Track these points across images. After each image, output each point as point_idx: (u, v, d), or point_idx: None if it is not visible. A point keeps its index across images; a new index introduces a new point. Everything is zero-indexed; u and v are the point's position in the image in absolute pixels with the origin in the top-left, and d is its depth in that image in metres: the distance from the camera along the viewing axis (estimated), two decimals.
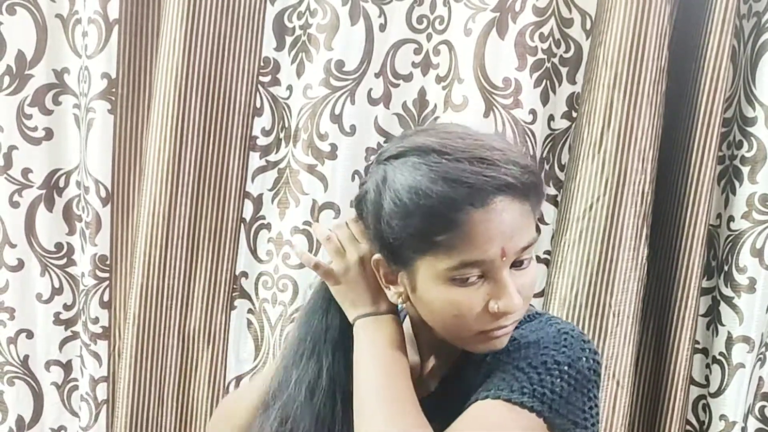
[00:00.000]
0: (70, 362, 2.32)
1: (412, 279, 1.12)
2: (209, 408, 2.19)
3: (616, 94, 1.88)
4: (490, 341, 1.12)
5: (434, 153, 1.06)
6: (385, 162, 1.12)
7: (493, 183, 1.03)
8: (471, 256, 1.04)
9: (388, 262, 1.15)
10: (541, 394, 1.08)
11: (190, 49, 2.02)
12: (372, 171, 1.15)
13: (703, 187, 1.94)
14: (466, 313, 1.08)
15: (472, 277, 1.06)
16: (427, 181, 1.03)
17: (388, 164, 1.11)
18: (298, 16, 2.09)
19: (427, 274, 1.08)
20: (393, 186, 1.07)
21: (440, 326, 1.14)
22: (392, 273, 1.15)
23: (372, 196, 1.12)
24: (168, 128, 2.03)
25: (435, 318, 1.13)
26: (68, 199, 2.25)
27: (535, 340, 1.15)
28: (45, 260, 2.25)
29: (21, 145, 2.18)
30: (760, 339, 1.96)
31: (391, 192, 1.07)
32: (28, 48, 2.15)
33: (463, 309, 1.08)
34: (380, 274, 1.18)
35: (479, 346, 1.13)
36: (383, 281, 1.18)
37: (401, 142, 1.12)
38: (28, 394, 2.31)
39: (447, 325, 1.12)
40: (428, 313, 1.13)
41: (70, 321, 2.30)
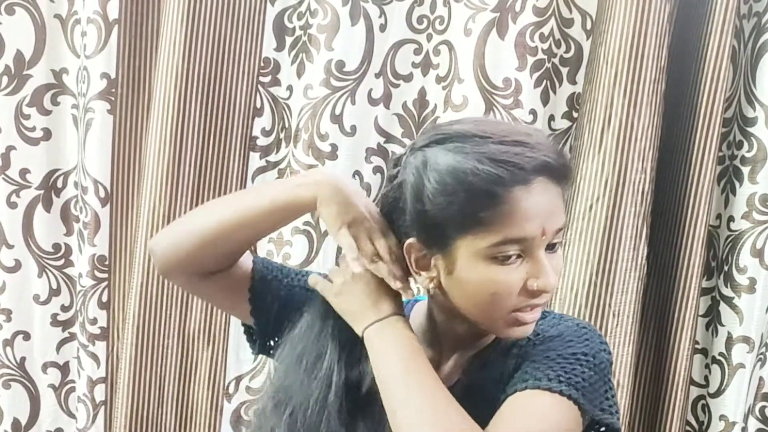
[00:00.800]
0: (68, 364, 2.32)
1: (449, 260, 1.13)
2: (209, 408, 2.18)
3: (617, 93, 1.89)
4: (520, 326, 1.14)
5: (475, 137, 1.10)
6: (422, 148, 1.14)
7: (535, 163, 1.07)
8: (513, 233, 1.07)
9: (426, 245, 1.15)
10: (576, 383, 1.11)
11: (191, 50, 2.02)
12: (409, 160, 1.15)
13: (703, 187, 1.94)
14: (504, 292, 1.10)
15: (512, 256, 1.09)
16: (472, 160, 1.07)
17: (427, 149, 1.13)
18: (298, 16, 2.09)
19: (468, 253, 1.10)
20: (436, 167, 1.10)
21: (474, 308, 1.14)
22: (425, 257, 1.16)
23: (412, 179, 1.13)
24: (168, 128, 2.03)
25: (470, 300, 1.14)
26: (66, 200, 2.25)
27: (558, 333, 1.19)
28: (42, 261, 2.24)
29: (19, 146, 2.18)
30: (760, 339, 1.97)
31: (434, 173, 1.10)
32: (26, 48, 2.15)
33: (502, 287, 1.10)
34: (411, 259, 1.17)
35: (508, 331, 1.15)
36: (414, 267, 1.18)
37: (437, 131, 1.15)
38: (25, 397, 2.31)
39: (483, 305, 1.13)
40: (463, 294, 1.14)
41: (68, 322, 2.29)
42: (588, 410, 1.12)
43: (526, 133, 1.11)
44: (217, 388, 2.18)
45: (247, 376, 2.20)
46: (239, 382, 2.20)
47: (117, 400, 2.14)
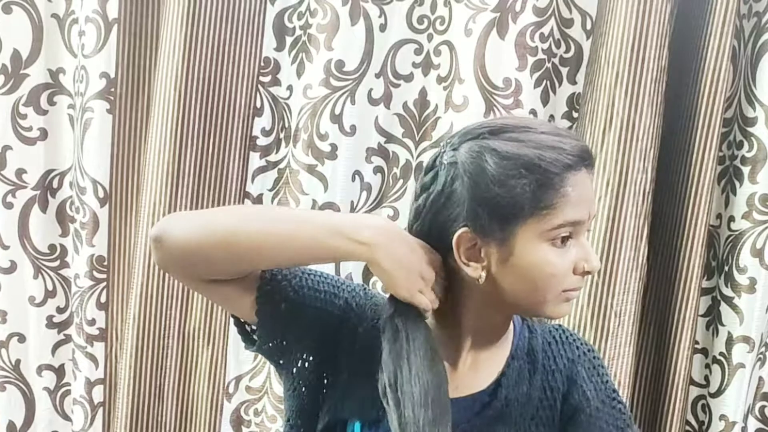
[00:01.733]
0: (63, 366, 2.30)
1: (505, 248, 1.16)
2: (209, 408, 2.18)
3: (618, 93, 1.89)
4: (565, 304, 1.20)
5: (521, 128, 1.16)
6: (476, 138, 1.16)
7: (582, 153, 1.15)
8: (570, 216, 1.14)
9: (481, 233, 1.16)
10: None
11: (191, 49, 2.01)
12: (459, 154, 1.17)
13: (703, 187, 1.95)
14: (561, 273, 1.16)
15: (567, 238, 1.16)
16: (532, 148, 1.13)
17: (481, 140, 1.16)
18: (298, 16, 2.09)
19: (529, 237, 1.14)
20: (499, 155, 1.13)
21: (529, 291, 1.18)
22: (474, 247, 1.17)
23: (471, 168, 1.15)
24: (168, 128, 2.02)
25: (527, 284, 1.17)
26: (62, 201, 2.24)
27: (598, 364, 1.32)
28: (38, 262, 2.23)
29: (15, 145, 2.17)
30: (760, 339, 1.97)
31: (497, 159, 1.13)
32: (23, 47, 2.14)
33: (559, 268, 1.15)
34: (460, 251, 1.18)
35: (555, 309, 1.20)
36: (462, 259, 1.18)
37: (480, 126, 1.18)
38: (20, 399, 2.30)
39: (539, 287, 1.17)
40: (518, 280, 1.17)
41: (63, 324, 2.28)
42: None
43: (558, 126, 1.20)
44: (217, 388, 2.17)
45: (247, 375, 2.19)
46: (239, 382, 2.19)
47: (118, 401, 2.13)
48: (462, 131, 1.20)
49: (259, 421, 2.19)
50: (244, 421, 2.19)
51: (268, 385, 2.16)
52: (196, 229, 1.20)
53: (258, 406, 2.19)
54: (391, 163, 2.11)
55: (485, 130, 1.16)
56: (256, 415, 2.19)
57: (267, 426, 2.16)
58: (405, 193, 2.11)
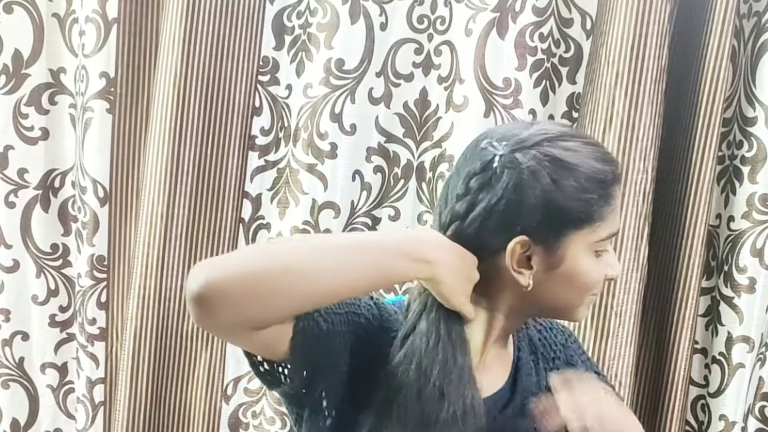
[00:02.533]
0: (66, 364, 2.31)
1: (556, 255, 1.17)
2: (207, 409, 2.18)
3: (618, 93, 1.89)
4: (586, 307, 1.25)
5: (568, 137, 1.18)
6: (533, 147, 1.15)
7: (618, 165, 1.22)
8: (613, 229, 1.19)
9: (538, 240, 1.16)
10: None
11: (190, 49, 2.01)
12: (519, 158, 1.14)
13: (703, 187, 1.94)
14: (599, 281, 1.21)
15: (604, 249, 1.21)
16: (593, 160, 1.16)
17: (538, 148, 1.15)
18: (297, 15, 2.09)
19: (579, 247, 1.17)
20: (568, 166, 1.14)
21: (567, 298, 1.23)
22: (526, 255, 1.17)
23: (539, 176, 1.13)
24: (167, 128, 2.02)
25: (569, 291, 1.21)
26: (64, 200, 2.24)
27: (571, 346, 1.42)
28: (40, 261, 2.24)
29: (17, 145, 2.17)
30: (760, 339, 1.97)
31: (569, 171, 1.14)
32: (24, 47, 2.14)
33: (598, 277, 1.20)
34: (513, 260, 1.17)
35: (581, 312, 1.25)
36: (514, 267, 1.17)
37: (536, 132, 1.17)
38: (24, 397, 2.30)
39: (578, 295, 1.22)
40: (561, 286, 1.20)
41: (66, 323, 2.28)
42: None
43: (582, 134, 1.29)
44: (216, 390, 2.18)
45: (245, 377, 2.19)
46: (237, 384, 2.20)
47: (117, 401, 2.13)
48: (509, 135, 1.17)
49: (257, 424, 2.19)
50: (243, 423, 2.19)
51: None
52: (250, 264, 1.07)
53: (256, 408, 2.20)
54: (391, 163, 2.11)
55: (542, 138, 1.16)
56: (255, 417, 2.19)
57: (265, 428, 2.16)
58: (406, 194, 2.11)
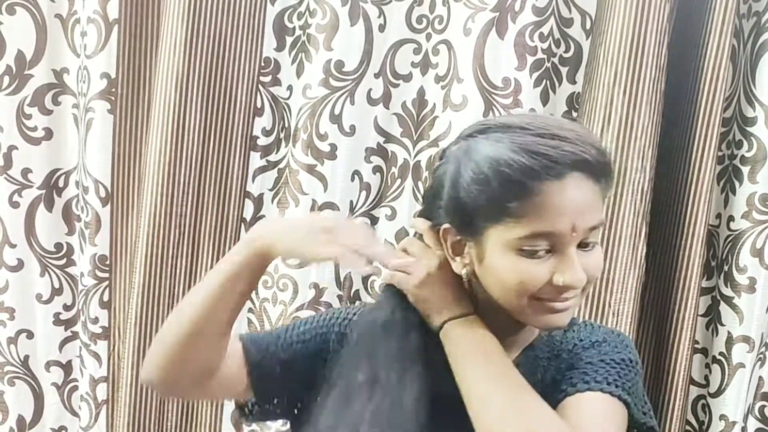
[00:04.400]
0: (70, 362, 2.33)
1: (480, 249, 1.15)
2: (209, 408, 2.19)
3: (616, 92, 1.88)
4: (552, 315, 1.15)
5: (517, 128, 1.11)
6: (467, 138, 1.17)
7: (571, 158, 1.07)
8: (542, 227, 1.08)
9: (459, 231, 1.17)
10: (628, 387, 1.16)
11: (191, 50, 2.02)
12: (453, 149, 1.18)
13: (702, 187, 1.94)
14: (529, 282, 1.11)
15: (540, 251, 1.10)
16: (508, 151, 1.08)
17: (470, 139, 1.15)
18: (298, 16, 2.09)
19: (498, 243, 1.11)
20: (474, 157, 1.11)
21: (503, 296, 1.16)
22: (459, 244, 1.18)
23: (452, 167, 1.15)
24: (169, 128, 2.03)
25: (499, 287, 1.15)
26: (68, 199, 2.26)
27: (602, 339, 1.23)
28: (45, 260, 2.25)
29: (21, 145, 2.19)
30: (760, 339, 1.96)
31: (472, 162, 1.11)
32: (27, 48, 2.16)
33: (526, 277, 1.11)
34: (447, 244, 1.19)
35: (540, 319, 1.16)
36: (450, 252, 1.19)
37: (482, 122, 1.19)
38: (29, 395, 2.32)
39: (509, 293, 1.14)
40: (492, 282, 1.16)
41: (70, 321, 2.30)
42: (634, 414, 1.17)
43: (570, 128, 1.11)
44: None
45: None
46: None
47: (119, 400, 2.15)
48: (469, 126, 1.20)
49: None
50: None
51: None
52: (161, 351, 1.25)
53: None
54: (389, 163, 2.12)
55: (477, 129, 1.16)
56: None
57: (267, 425, 2.17)
58: (403, 193, 2.11)
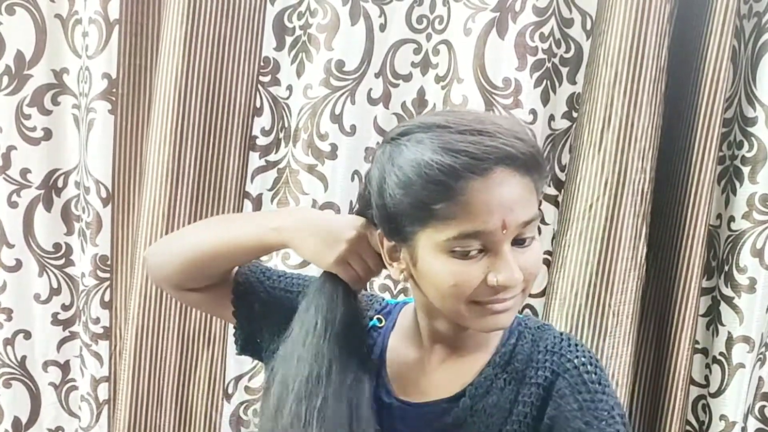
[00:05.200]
0: (68, 362, 2.32)
1: (413, 253, 1.12)
2: (208, 409, 2.19)
3: (616, 93, 1.88)
4: (492, 316, 1.11)
5: (436, 127, 1.08)
6: (389, 141, 1.13)
7: (494, 153, 1.04)
8: (471, 227, 1.04)
9: (390, 237, 1.15)
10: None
11: (191, 49, 2.02)
12: (377, 154, 1.16)
13: (703, 187, 1.94)
14: (463, 284, 1.07)
15: (472, 251, 1.07)
16: (429, 152, 1.05)
17: (392, 143, 1.12)
18: (298, 16, 2.09)
19: (428, 246, 1.08)
20: (397, 161, 1.08)
21: (439, 299, 1.13)
22: (394, 249, 1.16)
23: (376, 173, 1.13)
24: (168, 128, 2.02)
25: (434, 291, 1.12)
26: (67, 200, 2.24)
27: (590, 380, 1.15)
28: (43, 260, 2.24)
29: (20, 145, 2.18)
30: (760, 339, 1.97)
31: (395, 167, 1.08)
32: (27, 48, 2.14)
33: (460, 279, 1.07)
34: (384, 250, 1.18)
35: (480, 322, 1.12)
36: (387, 258, 1.18)
37: (403, 124, 1.14)
38: (26, 395, 2.31)
39: (445, 297, 1.11)
40: (428, 286, 1.13)
41: (69, 321, 2.29)
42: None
43: (492, 122, 1.07)
44: (217, 388, 2.18)
45: (246, 376, 2.20)
46: (238, 382, 2.20)
47: (119, 400, 2.14)
48: (394, 127, 1.18)
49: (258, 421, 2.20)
50: (244, 422, 2.20)
51: None
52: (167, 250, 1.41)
53: (257, 406, 2.20)
54: None
55: (399, 132, 1.12)
56: (256, 415, 2.20)
57: None
58: None
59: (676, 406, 2.01)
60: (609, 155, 1.89)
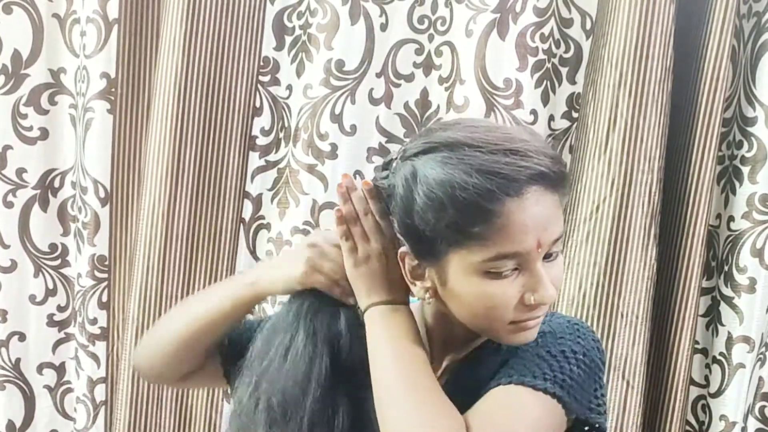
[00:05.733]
0: (64, 364, 2.30)
1: (442, 273, 1.10)
2: (207, 409, 2.17)
3: (622, 94, 1.89)
4: (523, 332, 1.11)
5: (465, 146, 1.06)
6: (412, 158, 1.11)
7: (527, 173, 1.03)
8: (507, 248, 1.04)
9: (418, 257, 1.13)
10: (561, 380, 1.10)
11: (190, 49, 2.01)
12: (397, 168, 1.13)
13: (703, 187, 1.94)
14: (501, 306, 1.07)
15: (506, 270, 1.06)
16: (461, 173, 1.03)
17: (416, 160, 1.10)
18: (298, 15, 2.09)
19: (461, 267, 1.07)
20: (425, 180, 1.06)
21: (471, 319, 1.12)
22: (419, 267, 1.14)
23: (401, 191, 1.10)
24: (168, 128, 2.02)
25: (467, 311, 1.12)
26: (63, 200, 2.24)
27: (550, 330, 1.16)
28: (39, 261, 2.23)
29: (16, 145, 2.17)
30: (760, 339, 1.97)
31: (423, 186, 1.06)
32: (24, 47, 2.14)
33: (498, 301, 1.07)
34: (405, 269, 1.15)
35: (512, 337, 1.12)
36: (409, 276, 1.16)
37: (427, 138, 1.11)
38: (20, 398, 2.29)
39: (479, 317, 1.11)
40: (459, 306, 1.12)
41: (64, 323, 2.28)
42: (574, 408, 1.11)
43: (521, 139, 1.06)
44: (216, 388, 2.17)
45: None
46: None
47: (117, 401, 2.13)
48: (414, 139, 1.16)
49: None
50: None
51: None
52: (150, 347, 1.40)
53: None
54: None
55: (421, 149, 1.10)
56: None
57: None
58: None
59: (676, 406, 2.01)
60: (615, 156, 1.90)
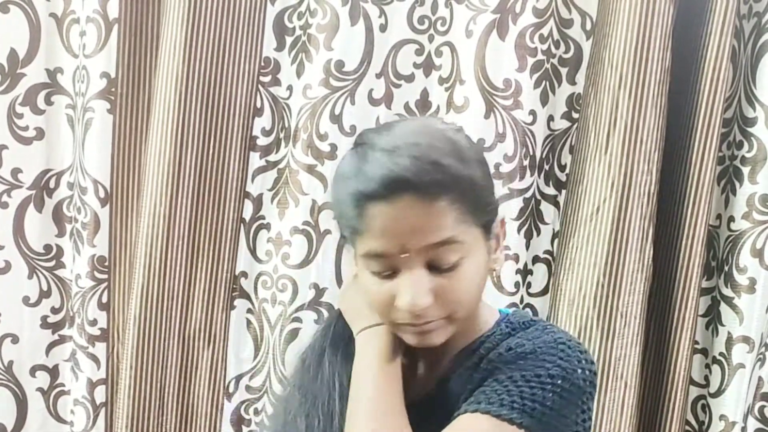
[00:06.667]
0: (57, 367, 2.28)
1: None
2: (210, 407, 2.17)
3: (622, 95, 1.89)
4: (420, 335, 1.11)
5: (365, 145, 1.09)
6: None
7: (397, 179, 1.03)
8: (372, 247, 1.08)
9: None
10: (531, 409, 1.06)
11: (191, 49, 2.00)
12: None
13: (703, 188, 1.95)
14: (375, 303, 1.12)
15: (386, 272, 1.09)
16: (346, 170, 1.10)
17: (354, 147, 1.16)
18: (298, 16, 2.09)
19: (358, 259, 1.14)
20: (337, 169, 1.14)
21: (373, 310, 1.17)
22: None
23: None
24: (168, 128, 2.01)
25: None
26: (58, 201, 2.22)
27: (531, 350, 1.12)
28: (33, 262, 2.21)
29: (11, 145, 2.15)
30: (760, 339, 1.98)
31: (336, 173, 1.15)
32: (20, 47, 2.12)
33: (373, 298, 1.12)
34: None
35: (408, 338, 1.13)
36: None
37: (361, 132, 1.16)
38: (12, 402, 2.27)
39: (372, 309, 1.16)
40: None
41: (58, 324, 2.26)
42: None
43: (411, 144, 1.06)
44: (218, 388, 2.16)
45: (247, 375, 2.18)
46: (239, 382, 2.19)
47: (118, 401, 2.12)
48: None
49: (259, 420, 2.18)
50: (245, 421, 2.19)
51: (269, 385, 2.15)
52: None
53: (258, 405, 2.18)
54: None
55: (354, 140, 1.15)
56: (257, 414, 2.19)
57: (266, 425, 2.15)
58: None
59: (675, 406, 2.01)
60: (615, 157, 1.90)
